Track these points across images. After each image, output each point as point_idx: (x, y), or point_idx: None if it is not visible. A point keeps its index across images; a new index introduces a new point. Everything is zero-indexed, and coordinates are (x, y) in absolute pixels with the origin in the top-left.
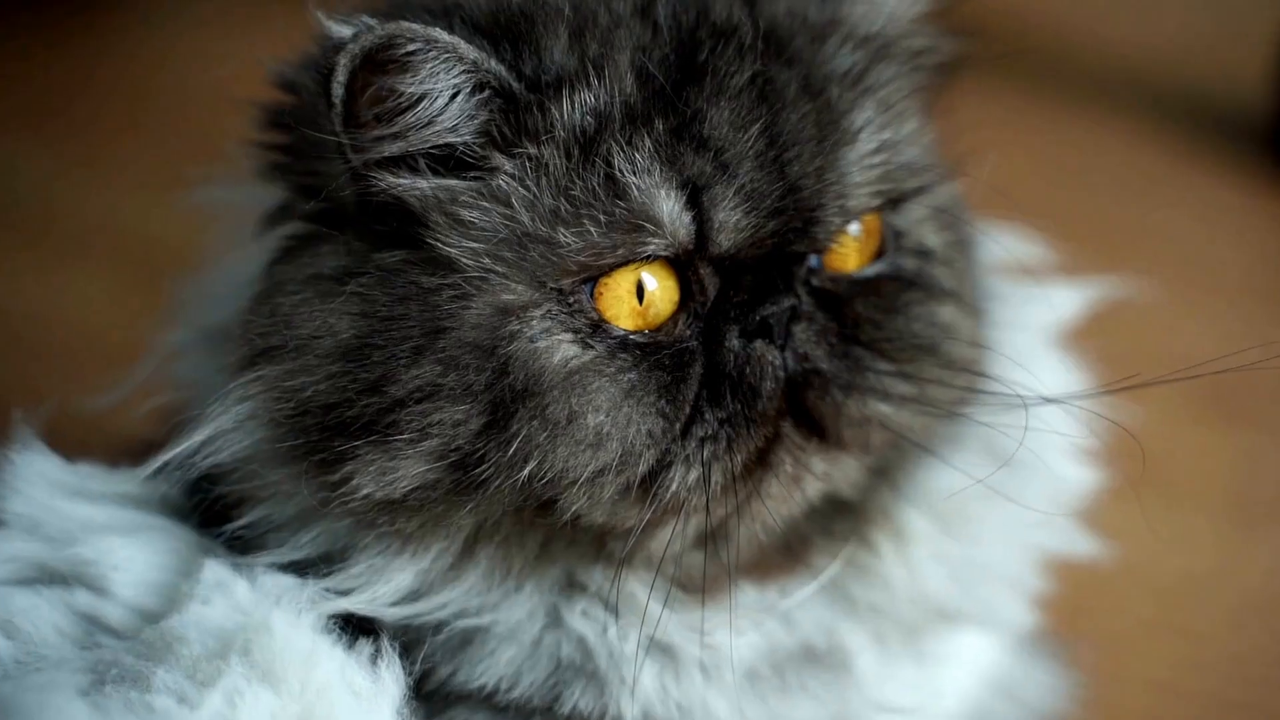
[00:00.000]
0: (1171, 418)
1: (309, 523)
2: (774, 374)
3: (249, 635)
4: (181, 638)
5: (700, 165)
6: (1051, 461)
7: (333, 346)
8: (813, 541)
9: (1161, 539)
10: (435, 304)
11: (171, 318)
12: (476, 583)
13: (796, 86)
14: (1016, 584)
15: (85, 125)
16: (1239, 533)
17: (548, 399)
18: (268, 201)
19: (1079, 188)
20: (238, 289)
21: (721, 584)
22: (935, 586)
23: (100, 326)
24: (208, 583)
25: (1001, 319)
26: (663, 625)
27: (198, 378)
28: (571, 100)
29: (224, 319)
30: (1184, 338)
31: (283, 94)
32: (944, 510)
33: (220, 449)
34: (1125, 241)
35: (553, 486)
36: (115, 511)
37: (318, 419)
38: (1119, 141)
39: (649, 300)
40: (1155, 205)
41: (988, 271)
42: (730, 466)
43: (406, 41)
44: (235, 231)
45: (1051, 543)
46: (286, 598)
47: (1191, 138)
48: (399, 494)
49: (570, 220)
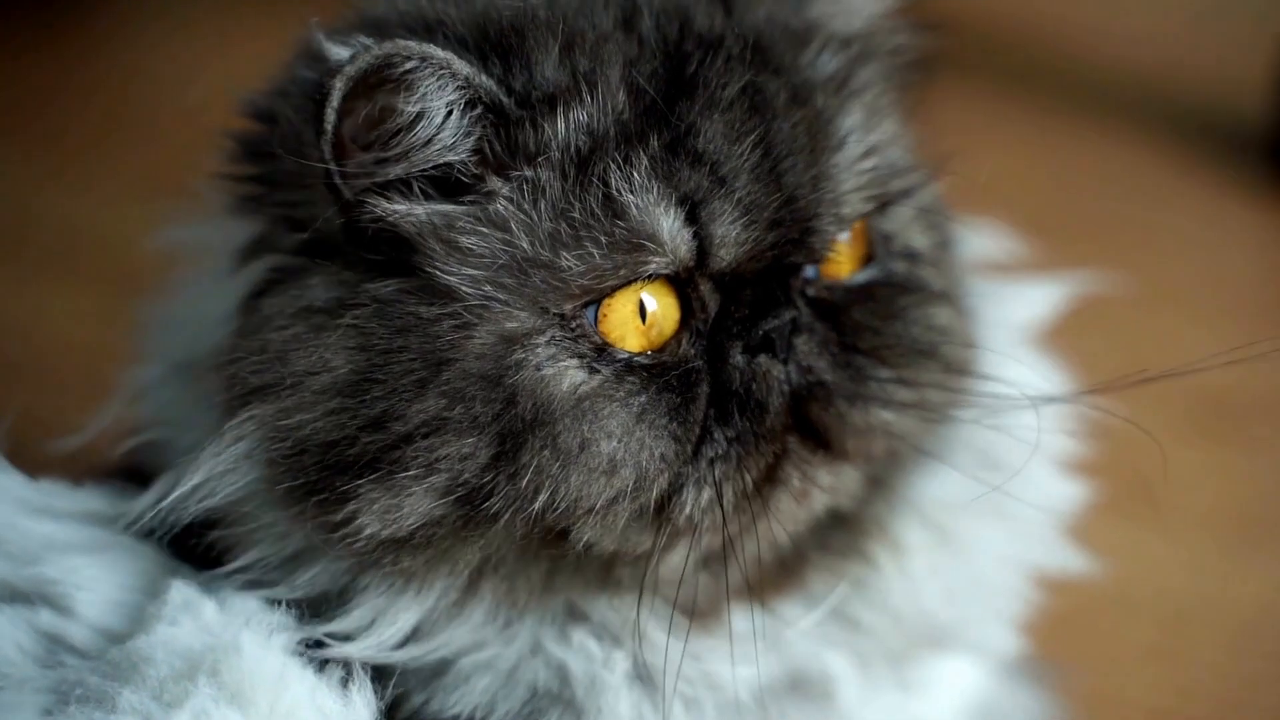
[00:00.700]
0: (1171, 437)
1: (306, 563)
2: (780, 388)
3: (218, 656)
4: (148, 658)
5: (697, 180)
6: (1040, 472)
7: (330, 382)
8: (808, 558)
9: (1158, 560)
10: (436, 334)
11: (138, 352)
12: (481, 618)
13: (786, 95)
14: (1005, 604)
15: (62, 134)
16: (1239, 554)
17: (559, 427)
18: (237, 236)
19: (1077, 197)
20: (209, 324)
21: (720, 608)
22: (933, 601)
23: (79, 339)
24: (175, 603)
25: (987, 317)
26: (662, 652)
27: (172, 415)
28: (565, 118)
29: (196, 354)
30: (1183, 352)
31: (255, 124)
32: (938, 521)
33: (214, 492)
34: (1122, 252)
35: (566, 516)
36: (80, 530)
37: (317, 458)
38: (1117, 151)
39: (651, 320)
40: (1154, 216)
41: (967, 270)
42: (741, 485)
43: (403, 60)
44: (202, 267)
45: (1043, 558)
46: (256, 619)
47: (1191, 148)
48: (405, 532)
49: (571, 243)
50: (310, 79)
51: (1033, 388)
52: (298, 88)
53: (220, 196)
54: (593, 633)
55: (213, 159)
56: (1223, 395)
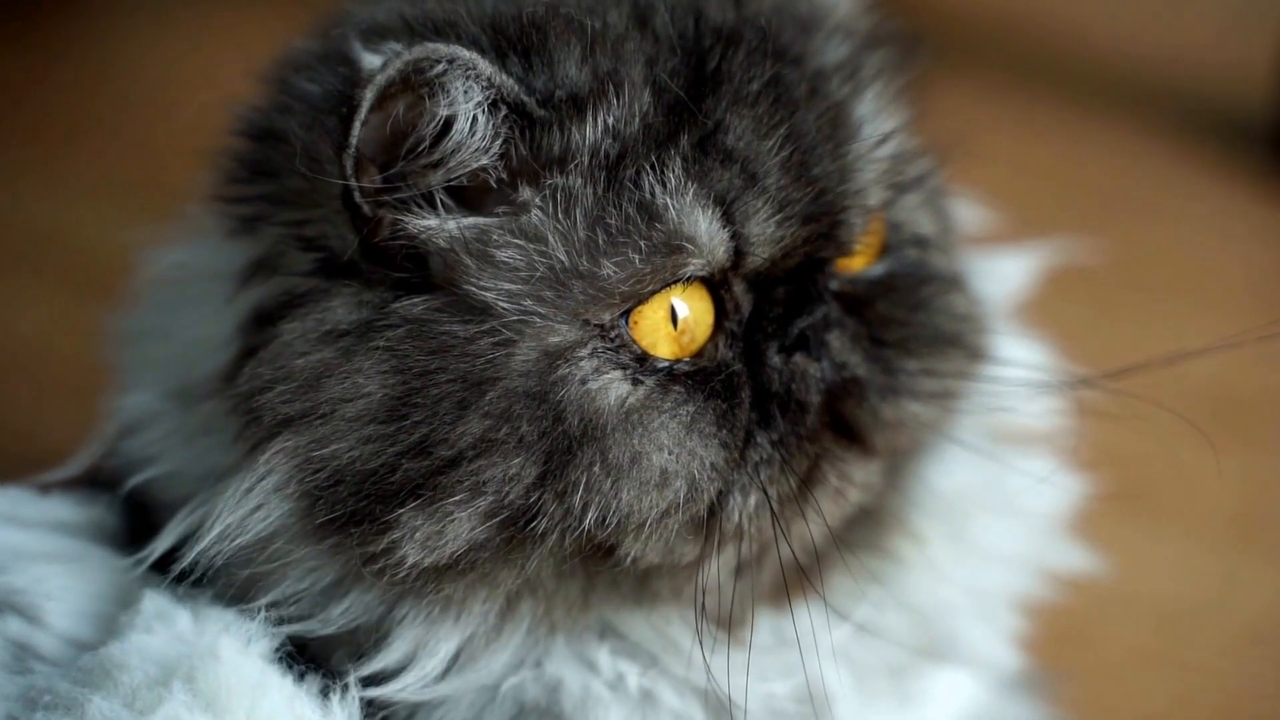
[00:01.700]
0: (1170, 437)
1: (340, 596)
2: (817, 386)
3: (194, 663)
4: (122, 664)
5: (729, 178)
6: (1047, 464)
7: (365, 408)
8: (830, 558)
9: (1157, 563)
10: (475, 353)
11: (122, 378)
12: (520, 641)
13: (806, 86)
14: (1008, 610)
15: (32, 131)
16: (1240, 558)
17: (609, 442)
18: (234, 258)
19: (1079, 187)
20: (206, 348)
21: (747, 616)
22: (955, 593)
23: (48, 341)
24: (148, 612)
25: None
26: (699, 666)
27: (175, 446)
28: (593, 122)
29: (193, 380)
30: (1186, 345)
31: (254, 142)
32: (950, 512)
33: (244, 530)
34: (1125, 244)
35: (616, 532)
36: (48, 539)
37: (354, 487)
38: (1121, 142)
39: (683, 326)
40: (1158, 208)
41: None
42: (788, 487)
43: (431, 64)
44: (192, 289)
45: (1050, 556)
46: (235, 626)
47: (1195, 139)
48: (447, 558)
49: (609, 250)
50: (317, 92)
51: (1045, 369)
52: (302, 103)
53: (211, 217)
54: (615, 650)
55: (204, 179)
56: (1223, 394)
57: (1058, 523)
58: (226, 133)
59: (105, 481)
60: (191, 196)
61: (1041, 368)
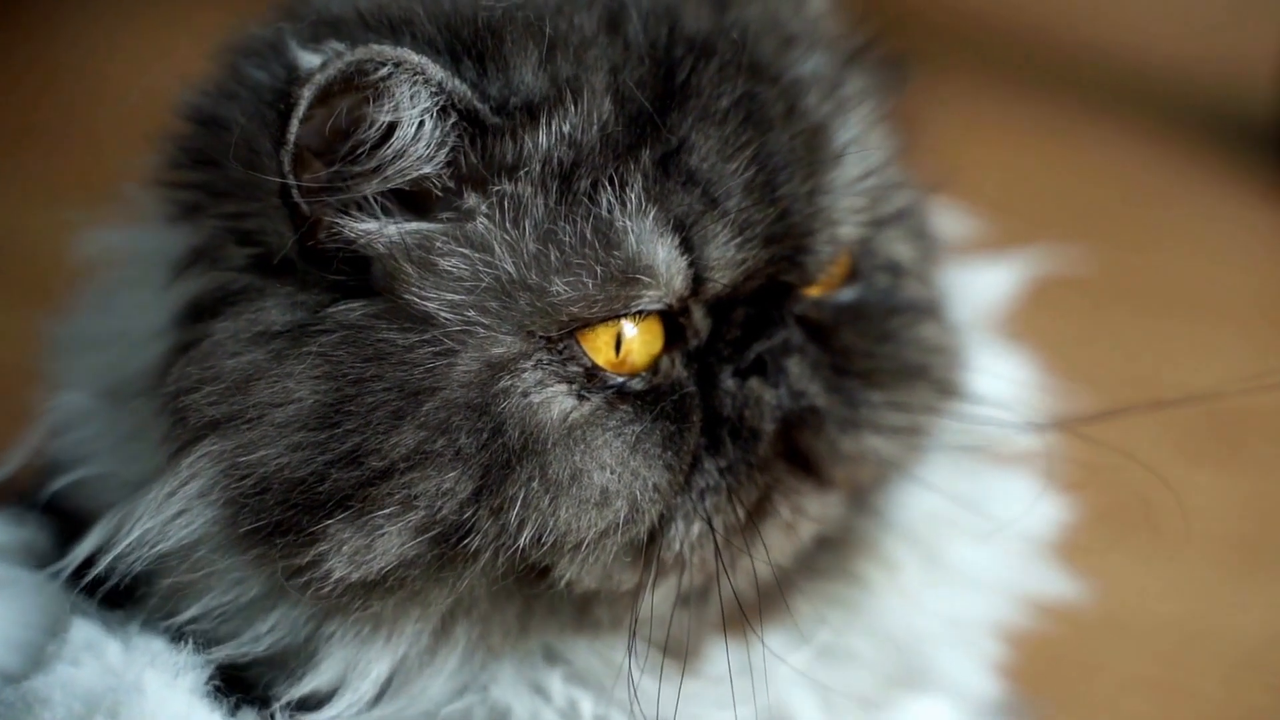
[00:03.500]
0: (1167, 455)
1: (265, 611)
2: (772, 414)
3: (119, 696)
4: (45, 700)
5: (689, 201)
6: (1025, 491)
7: (295, 414)
8: (795, 584)
9: (1154, 586)
10: (413, 363)
11: (56, 375)
12: (456, 665)
13: (782, 105)
14: (986, 636)
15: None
16: (1241, 580)
17: (549, 457)
18: (173, 245)
19: (1081, 192)
20: (139, 340)
21: (701, 647)
22: (929, 620)
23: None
24: (76, 643)
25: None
26: (652, 701)
27: (104, 448)
28: (547, 129)
29: (125, 377)
30: (1188, 355)
31: (197, 128)
32: (925, 538)
33: (166, 536)
34: (1127, 250)
35: (551, 552)
36: None
37: (281, 496)
38: (1124, 146)
39: (625, 351)
40: (1161, 213)
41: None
42: (733, 518)
43: (376, 66)
44: (127, 276)
45: (1029, 582)
46: (162, 658)
47: (1199, 143)
48: (376, 574)
49: (561, 269)
50: (264, 82)
51: (1023, 407)
52: (249, 91)
53: (154, 203)
54: (567, 677)
55: (148, 162)
56: (1225, 414)
57: (1039, 547)
58: (173, 116)
59: (34, 499)
60: (132, 178)
61: (1016, 403)
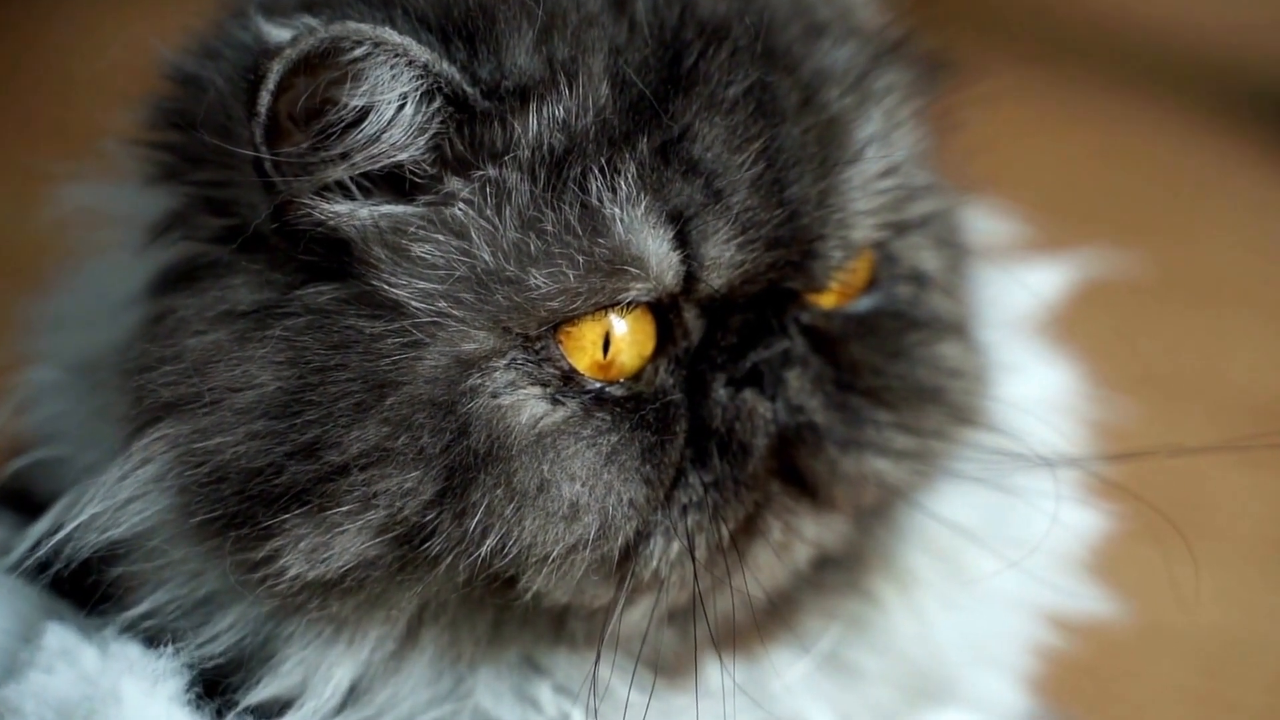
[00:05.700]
0: (1214, 459)
1: (223, 608)
2: (766, 429)
3: (95, 705)
4: (16, 709)
5: (689, 193)
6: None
7: (255, 401)
8: (800, 601)
9: (1196, 594)
10: (380, 353)
11: (28, 350)
12: (423, 672)
13: (798, 96)
14: (1014, 652)
15: None
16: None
17: (515, 464)
18: (149, 208)
19: (1121, 179)
20: (110, 309)
21: (689, 665)
22: (948, 640)
23: None
24: (51, 649)
25: (992, 307)
26: (623, 711)
27: (67, 428)
28: (538, 113)
29: (95, 350)
30: (1225, 349)
31: (178, 88)
32: (947, 550)
33: (117, 522)
34: (1168, 241)
35: (516, 563)
36: None
37: (237, 487)
38: (1166, 132)
39: (614, 351)
40: (1204, 205)
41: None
42: (716, 537)
43: (353, 45)
44: (104, 239)
45: (1059, 600)
46: (140, 666)
47: (1247, 127)
48: (333, 574)
49: (541, 259)
50: (246, 44)
51: (1044, 441)
52: (232, 51)
53: (131, 160)
54: (557, 688)
55: (126, 121)
56: (1264, 404)
57: (1070, 563)
58: (154, 76)
59: (20, 497)
60: (110, 134)
61: (1053, 412)
